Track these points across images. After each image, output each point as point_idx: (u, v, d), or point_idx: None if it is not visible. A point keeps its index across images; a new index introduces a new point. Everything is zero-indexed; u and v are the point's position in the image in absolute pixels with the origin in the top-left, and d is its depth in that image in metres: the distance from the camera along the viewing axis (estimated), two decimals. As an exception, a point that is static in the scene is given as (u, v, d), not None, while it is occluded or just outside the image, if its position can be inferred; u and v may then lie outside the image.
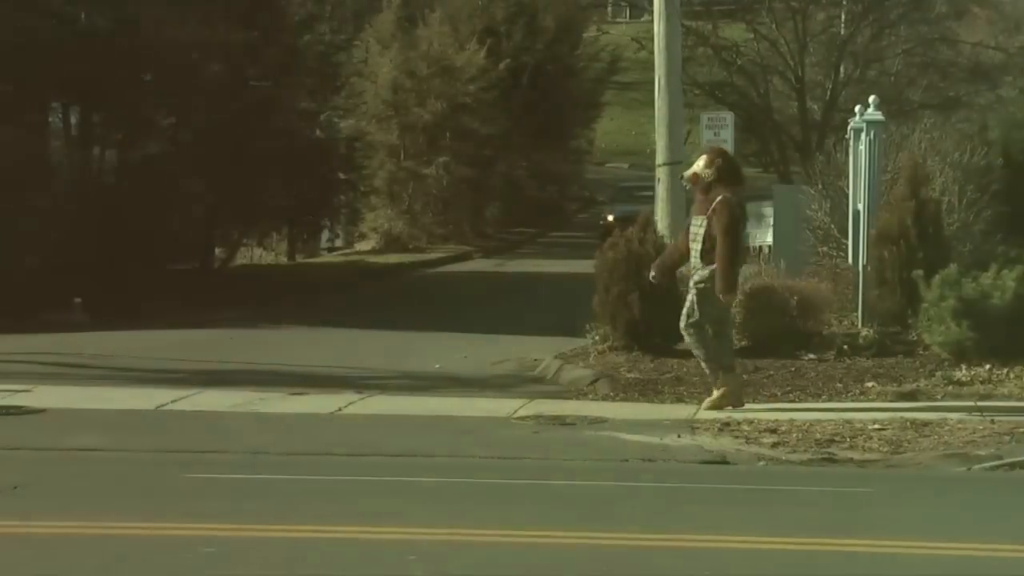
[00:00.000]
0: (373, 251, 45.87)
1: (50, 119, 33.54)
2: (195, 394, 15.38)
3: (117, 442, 12.53)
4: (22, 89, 32.58)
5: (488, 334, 23.00)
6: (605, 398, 15.87)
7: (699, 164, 14.91)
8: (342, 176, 39.75)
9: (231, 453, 12.20)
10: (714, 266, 14.49)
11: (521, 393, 15.58)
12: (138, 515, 9.19)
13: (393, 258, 43.27)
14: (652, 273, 15.49)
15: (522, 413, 14.48)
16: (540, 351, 19.23)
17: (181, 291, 30.31)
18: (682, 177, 15.58)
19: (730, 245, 14.48)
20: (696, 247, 14.69)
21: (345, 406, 14.91)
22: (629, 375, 16.86)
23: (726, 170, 14.86)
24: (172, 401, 14.87)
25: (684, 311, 14.78)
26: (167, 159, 34.61)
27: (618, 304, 17.73)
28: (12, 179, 28.20)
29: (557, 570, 7.95)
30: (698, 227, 14.73)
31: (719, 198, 14.61)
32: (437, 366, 18.75)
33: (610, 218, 43.43)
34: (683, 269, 15.56)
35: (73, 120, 33.60)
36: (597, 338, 18.26)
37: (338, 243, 49.41)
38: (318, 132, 39.24)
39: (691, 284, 14.83)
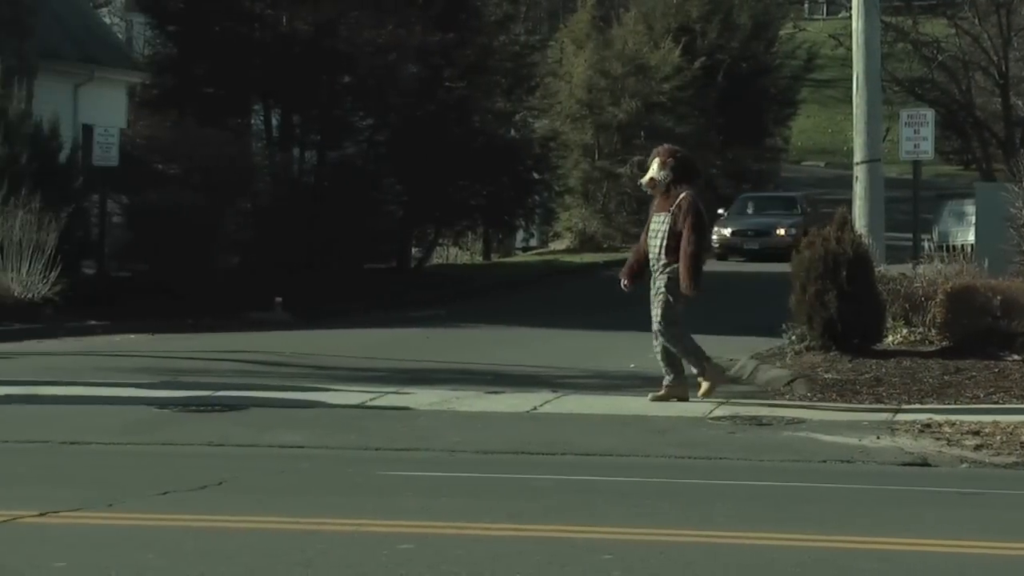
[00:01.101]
0: (567, 250, 45.96)
1: (252, 121, 34.15)
2: (392, 392, 15.54)
3: (316, 439, 12.71)
4: (227, 92, 33.29)
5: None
6: (802, 399, 15.69)
7: (653, 168, 15.07)
8: (536, 176, 39.88)
9: (427, 451, 12.29)
10: (677, 264, 14.73)
11: (716, 393, 15.46)
12: (336, 511, 9.30)
13: (587, 257, 43.32)
14: (623, 281, 15.60)
15: (717, 413, 14.39)
16: (735, 351, 19.08)
17: (378, 291, 30.67)
18: (640, 184, 15.66)
19: (696, 242, 14.74)
20: (657, 243, 14.89)
21: (540, 405, 14.95)
22: (826, 375, 16.65)
23: (680, 168, 15.01)
24: (371, 399, 15.04)
25: (658, 312, 14.93)
26: (365, 159, 35.08)
27: (815, 303, 17.52)
28: (216, 180, 28.78)
29: (755, 571, 7.87)
30: (660, 224, 14.93)
31: (682, 195, 14.81)
32: (632, 365, 18.70)
33: (727, 232, 42.87)
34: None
35: (274, 122, 34.18)
36: (793, 338, 18.06)
37: (533, 242, 49.60)
38: (513, 132, 39.43)
39: (658, 284, 14.95)
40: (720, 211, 44.29)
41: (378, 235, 34.69)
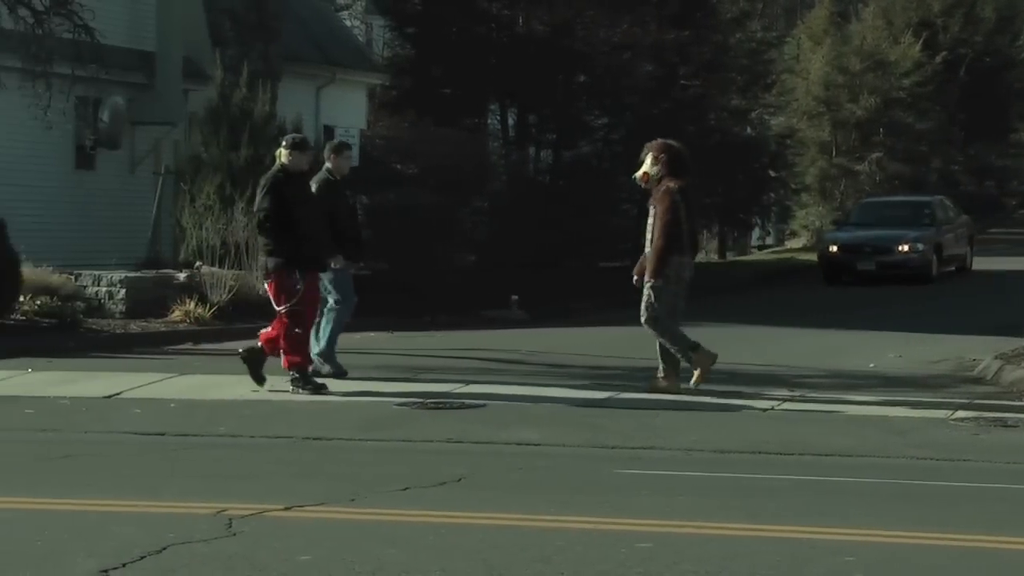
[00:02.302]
0: (804, 248, 45.47)
1: (488, 121, 34.47)
2: (626, 391, 15.55)
3: (553, 436, 12.78)
4: (463, 92, 33.67)
5: (921, 333, 22.52)
6: (1049, 401, 15.31)
7: (647, 163, 15.21)
8: (772, 173, 39.55)
9: (664, 449, 12.28)
10: None
11: (958, 394, 15.17)
12: (573, 509, 9.33)
13: (824, 256, 42.67)
14: (635, 278, 15.62)
15: (960, 414, 14.10)
16: (978, 351, 18.69)
17: (613, 289, 30.67)
18: (635, 178, 15.58)
19: (665, 235, 14.92)
20: (647, 238, 15.20)
21: (777, 404, 14.83)
22: (1075, 377, 16.20)
23: (671, 162, 15.14)
24: (604, 399, 15.06)
25: (643, 305, 15.18)
26: (599, 158, 35.16)
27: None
28: (453, 180, 29.12)
29: (999, 577, 7.71)
30: (651, 218, 15.18)
31: (662, 188, 15.00)
32: (871, 365, 18.44)
33: (834, 248, 34.53)
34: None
35: (510, 121, 34.45)
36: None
37: (768, 241, 49.21)
38: (748, 130, 39.15)
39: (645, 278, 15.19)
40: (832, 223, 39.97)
41: (613, 233, 34.74)
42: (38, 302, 21.14)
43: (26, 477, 10.68)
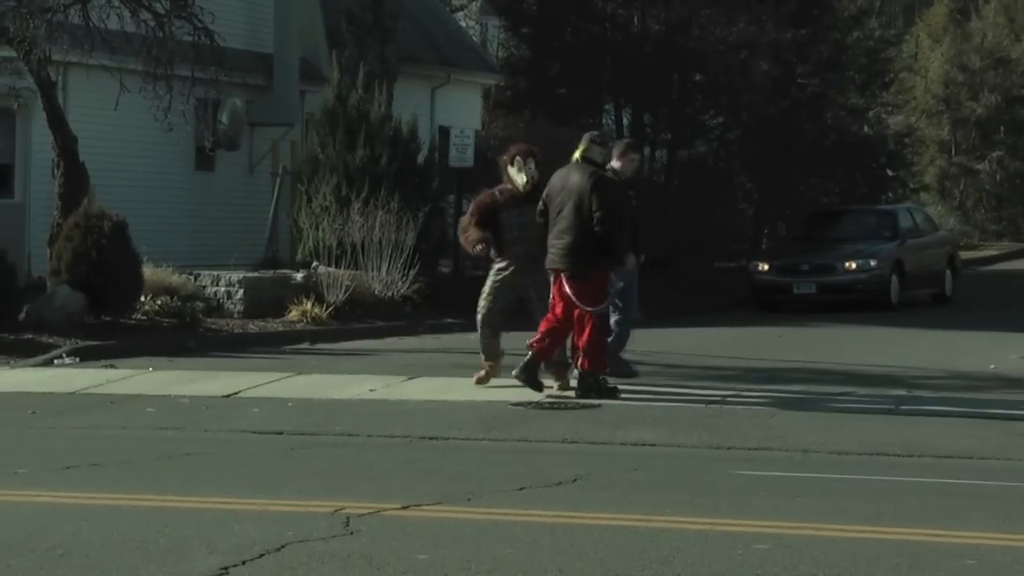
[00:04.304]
0: (922, 248, 44.96)
1: (603, 121, 34.44)
2: (745, 391, 15.46)
3: (669, 437, 12.74)
4: (578, 92, 33.66)
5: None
6: None
7: (530, 168, 15.42)
8: (890, 173, 39.18)
9: (781, 450, 12.20)
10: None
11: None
12: (690, 510, 9.30)
13: (944, 255, 42.24)
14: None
15: (1085, 416, 13.89)
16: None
17: (729, 288, 30.54)
18: (521, 187, 15.58)
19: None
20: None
21: (896, 406, 14.69)
22: None
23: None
24: (720, 398, 14.98)
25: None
26: (715, 158, 35.01)
27: None
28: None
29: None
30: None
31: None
32: (992, 367, 18.21)
33: (763, 267, 28.25)
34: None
35: (625, 121, 34.39)
36: None
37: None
38: (866, 129, 38.80)
39: None
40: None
41: (730, 233, 34.58)
42: (159, 302, 21.42)
43: (149, 474, 10.82)
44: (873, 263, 27.19)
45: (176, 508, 9.20)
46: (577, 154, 15.13)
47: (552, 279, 15.01)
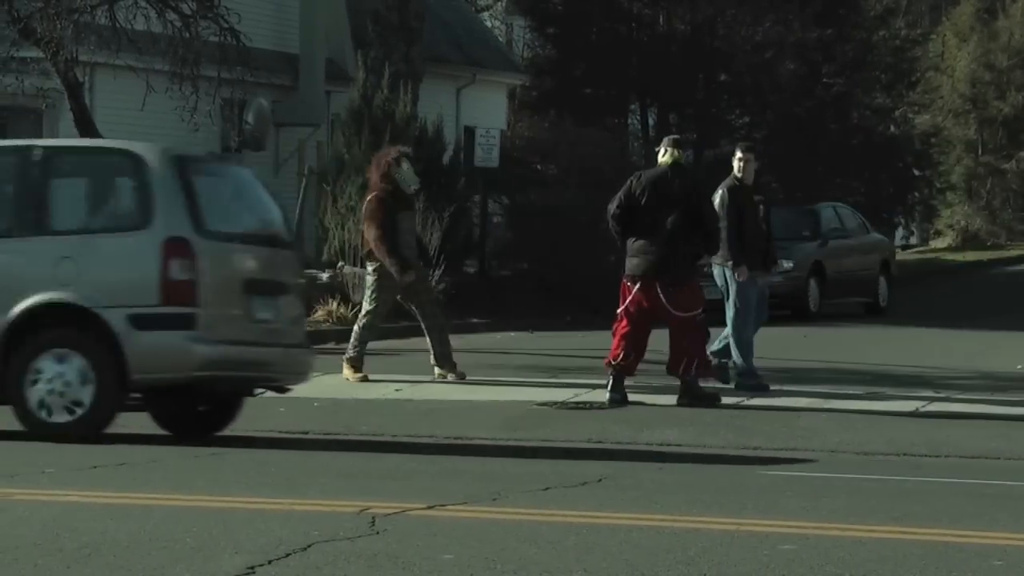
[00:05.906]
0: (949, 248, 44.89)
1: (629, 121, 34.44)
2: (767, 391, 15.43)
3: (694, 437, 12.74)
4: (604, 92, 33.66)
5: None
6: None
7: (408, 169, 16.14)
8: (917, 172, 39.08)
9: (807, 450, 12.19)
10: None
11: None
12: (715, 510, 9.29)
13: (970, 255, 42.21)
14: None
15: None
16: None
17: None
18: (413, 189, 16.47)
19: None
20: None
21: (922, 406, 14.65)
22: None
23: None
24: (745, 399, 14.96)
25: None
26: (741, 158, 34.85)
27: None
28: (594, 180, 29.07)
29: None
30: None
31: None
32: (1019, 367, 18.17)
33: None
34: None
35: (650, 121, 34.38)
36: None
37: (912, 240, 48.61)
38: (892, 128, 38.71)
39: None
40: None
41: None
42: (185, 301, 21.43)
43: (176, 474, 10.85)
44: (787, 265, 23.07)
45: (203, 507, 9.22)
46: (668, 159, 14.95)
47: (636, 287, 14.59)
